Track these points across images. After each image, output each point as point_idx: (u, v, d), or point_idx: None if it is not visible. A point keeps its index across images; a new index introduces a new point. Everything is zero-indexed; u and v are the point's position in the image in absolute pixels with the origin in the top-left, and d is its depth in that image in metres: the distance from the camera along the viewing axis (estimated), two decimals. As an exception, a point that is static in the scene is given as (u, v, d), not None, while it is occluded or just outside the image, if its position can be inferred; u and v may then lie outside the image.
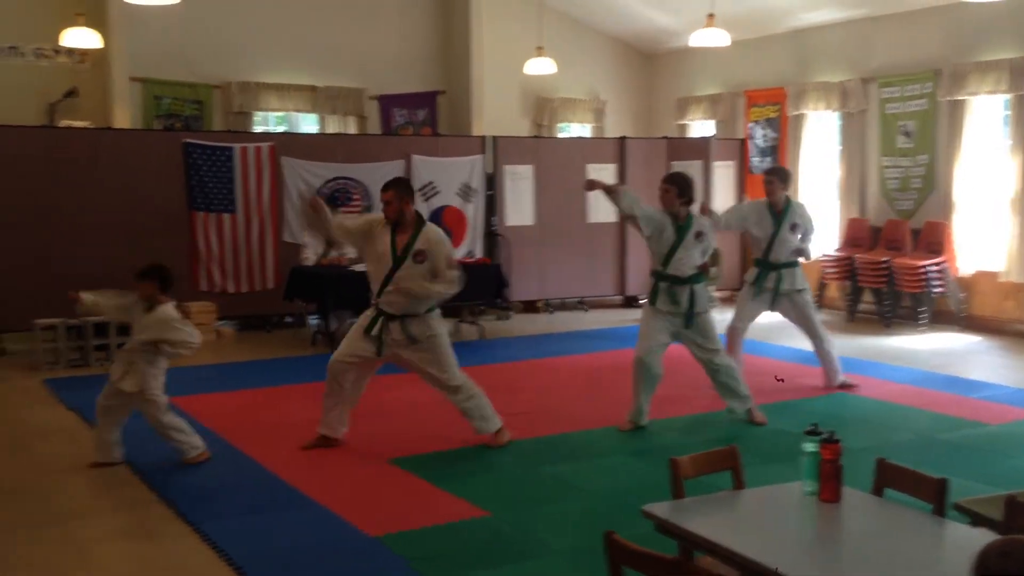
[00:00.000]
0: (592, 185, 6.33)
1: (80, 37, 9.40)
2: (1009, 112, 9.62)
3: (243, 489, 5.16)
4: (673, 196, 6.18)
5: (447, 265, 5.71)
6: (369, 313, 5.75)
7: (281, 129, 11.85)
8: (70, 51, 10.37)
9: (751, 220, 7.22)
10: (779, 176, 7.25)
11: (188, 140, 9.84)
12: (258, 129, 11.55)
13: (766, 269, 7.19)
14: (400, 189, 5.67)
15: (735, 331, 7.39)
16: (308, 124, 12.12)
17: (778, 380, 7.40)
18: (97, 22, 9.89)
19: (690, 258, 6.16)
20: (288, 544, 4.37)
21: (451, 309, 10.59)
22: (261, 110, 11.63)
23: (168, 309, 5.45)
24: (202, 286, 9.78)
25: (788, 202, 7.22)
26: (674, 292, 6.18)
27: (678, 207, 6.17)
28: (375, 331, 5.64)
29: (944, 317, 10.03)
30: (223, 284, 9.91)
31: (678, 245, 6.15)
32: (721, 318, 9.02)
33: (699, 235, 6.20)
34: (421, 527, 4.54)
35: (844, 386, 7.28)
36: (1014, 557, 1.89)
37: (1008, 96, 9.53)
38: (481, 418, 5.86)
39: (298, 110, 11.84)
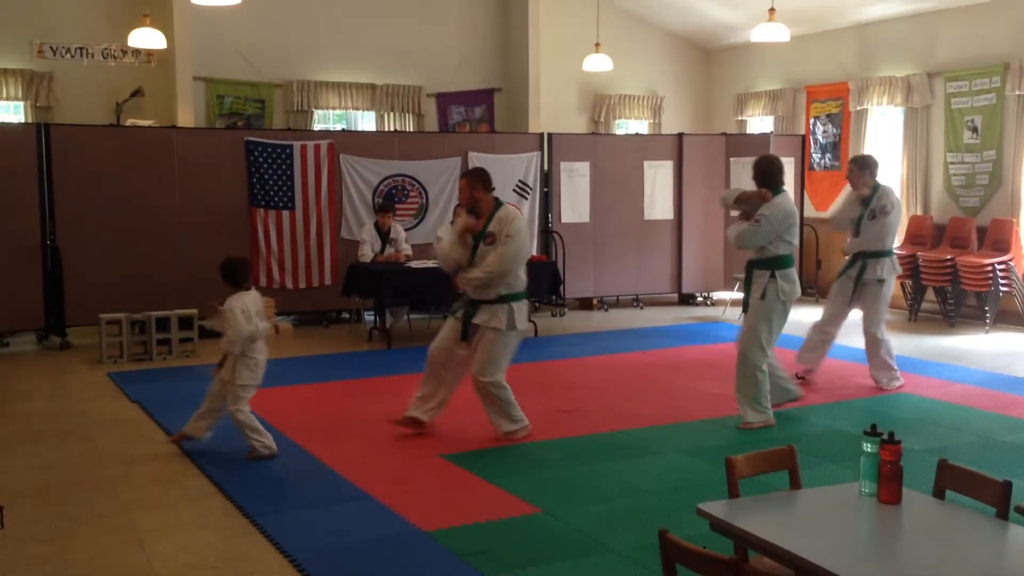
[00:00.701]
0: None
1: (146, 37, 9.62)
2: (1081, 106, 9.35)
3: (300, 483, 5.23)
4: (756, 185, 6.36)
5: (500, 241, 5.71)
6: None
7: (340, 127, 11.99)
8: (136, 51, 10.62)
9: (853, 211, 7.24)
10: (856, 164, 7.22)
11: (250, 138, 10.01)
12: (318, 127, 11.71)
13: (855, 258, 7.18)
14: (471, 177, 5.89)
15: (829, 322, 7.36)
16: (367, 122, 12.24)
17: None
18: (162, 23, 10.12)
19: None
20: (343, 537, 4.42)
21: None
22: (321, 108, 11.79)
23: (230, 301, 5.59)
24: (261, 282, 9.94)
25: (875, 189, 7.14)
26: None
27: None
28: (459, 314, 5.84)
29: (1010, 317, 9.77)
30: (282, 280, 10.07)
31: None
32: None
33: (758, 220, 6.20)
34: (474, 523, 4.56)
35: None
36: None
37: (1080, 90, 9.26)
38: (507, 415, 5.92)
39: (357, 108, 11.98)
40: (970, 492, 3.22)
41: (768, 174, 6.26)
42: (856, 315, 7.35)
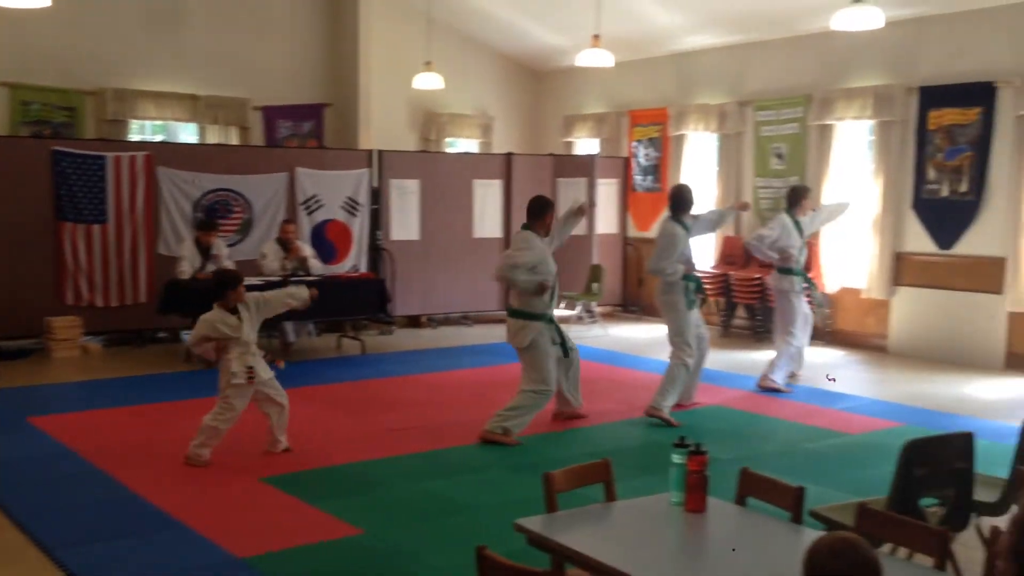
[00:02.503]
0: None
1: (-61, 37, 8.92)
2: (873, 137, 10.12)
3: (106, 512, 4.95)
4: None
5: None
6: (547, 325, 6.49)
7: (159, 138, 11.49)
8: (-71, 52, 9.84)
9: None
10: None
11: (57, 148, 9.44)
12: (134, 138, 11.18)
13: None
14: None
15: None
16: (188, 134, 11.79)
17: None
18: (-41, 22, 9.42)
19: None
20: (153, 570, 4.21)
21: (333, 324, 10.47)
22: (138, 118, 11.26)
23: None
24: (69, 300, 9.39)
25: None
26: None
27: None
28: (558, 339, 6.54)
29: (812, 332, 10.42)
30: (91, 298, 9.53)
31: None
32: (589, 333, 9.17)
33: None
34: (293, 547, 4.44)
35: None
36: (840, 554, 1.94)
37: (872, 122, 10.02)
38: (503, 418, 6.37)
39: (177, 119, 11.51)
40: (768, 498, 3.41)
41: (672, 203, 7.14)
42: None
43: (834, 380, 8.35)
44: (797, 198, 8.25)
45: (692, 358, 7.04)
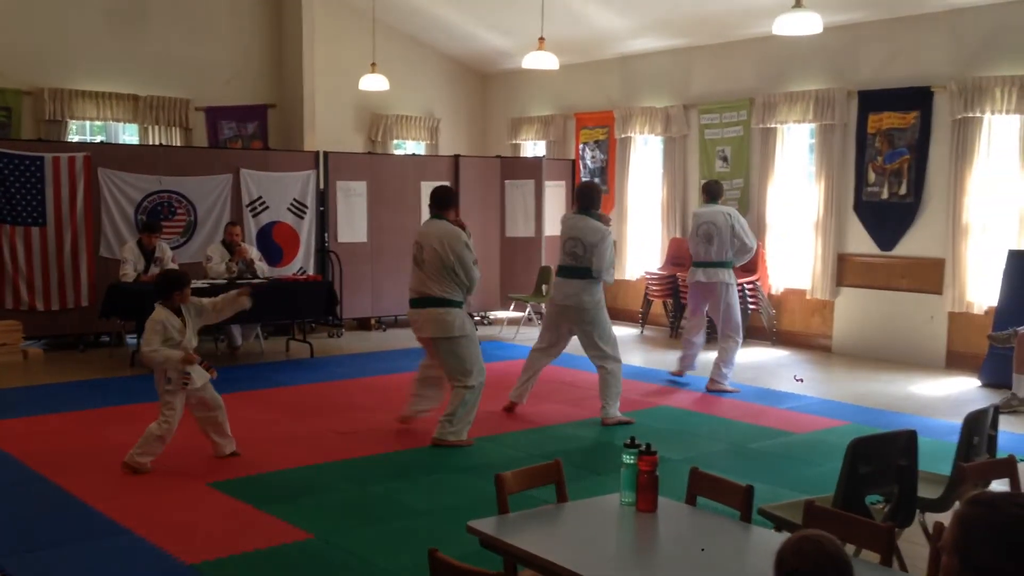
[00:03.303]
0: None
1: None
2: (813, 140, 10.31)
3: (48, 520, 4.83)
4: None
5: None
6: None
7: (99, 139, 11.26)
8: None
9: None
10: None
11: (-7, 148, 9.23)
12: (74, 138, 10.94)
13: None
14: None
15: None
16: (129, 135, 11.57)
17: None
18: None
19: None
20: (97, 577, 4.13)
21: (282, 327, 10.36)
22: (77, 119, 11.02)
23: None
24: (7, 303, 9.18)
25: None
26: None
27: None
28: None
29: (757, 332, 10.60)
30: (31, 301, 9.32)
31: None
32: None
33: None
34: (242, 552, 4.39)
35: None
36: (805, 552, 2.05)
37: (813, 125, 10.21)
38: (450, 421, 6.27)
39: (118, 120, 11.29)
40: (718, 497, 3.45)
41: (582, 199, 7.25)
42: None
43: (801, 380, 8.49)
44: (720, 191, 8.80)
45: (620, 357, 7.02)
